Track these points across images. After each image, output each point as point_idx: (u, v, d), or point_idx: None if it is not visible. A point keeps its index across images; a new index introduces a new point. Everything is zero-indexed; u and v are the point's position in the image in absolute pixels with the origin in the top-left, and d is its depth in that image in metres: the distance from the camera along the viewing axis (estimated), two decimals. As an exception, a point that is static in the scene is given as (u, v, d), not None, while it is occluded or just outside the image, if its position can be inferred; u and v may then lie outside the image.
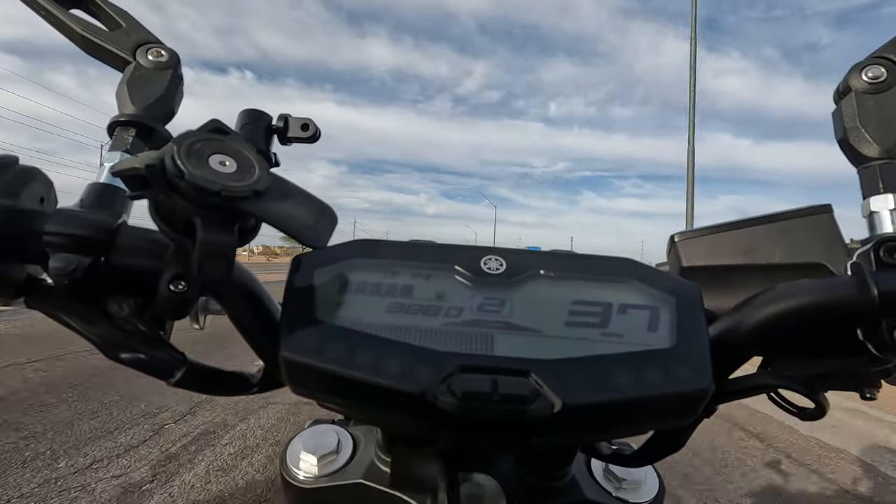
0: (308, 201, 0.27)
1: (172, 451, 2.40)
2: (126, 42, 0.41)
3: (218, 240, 0.24)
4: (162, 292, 0.27)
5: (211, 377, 0.35)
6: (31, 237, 0.27)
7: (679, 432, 0.35)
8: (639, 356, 0.28)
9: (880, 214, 0.34)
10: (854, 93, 0.37)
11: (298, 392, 0.29)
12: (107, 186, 0.35)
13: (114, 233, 0.29)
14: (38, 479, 2.03)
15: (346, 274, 0.30)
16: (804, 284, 0.31)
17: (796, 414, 0.35)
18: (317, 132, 0.58)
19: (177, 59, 0.42)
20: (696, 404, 0.28)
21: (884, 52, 0.38)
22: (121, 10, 0.42)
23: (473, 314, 0.29)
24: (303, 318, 0.28)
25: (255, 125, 0.54)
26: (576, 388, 0.26)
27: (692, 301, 0.30)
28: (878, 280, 0.28)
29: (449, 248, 0.32)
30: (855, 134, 0.37)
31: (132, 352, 0.30)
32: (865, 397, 0.34)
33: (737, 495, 2.24)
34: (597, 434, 0.33)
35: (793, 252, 0.37)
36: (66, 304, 0.30)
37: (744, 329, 0.31)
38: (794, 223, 0.37)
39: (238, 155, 0.25)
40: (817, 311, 0.29)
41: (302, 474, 0.42)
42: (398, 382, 0.26)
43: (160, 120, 0.39)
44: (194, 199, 0.23)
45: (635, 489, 0.42)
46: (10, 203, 0.27)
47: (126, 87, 0.39)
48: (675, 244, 0.41)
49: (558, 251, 0.34)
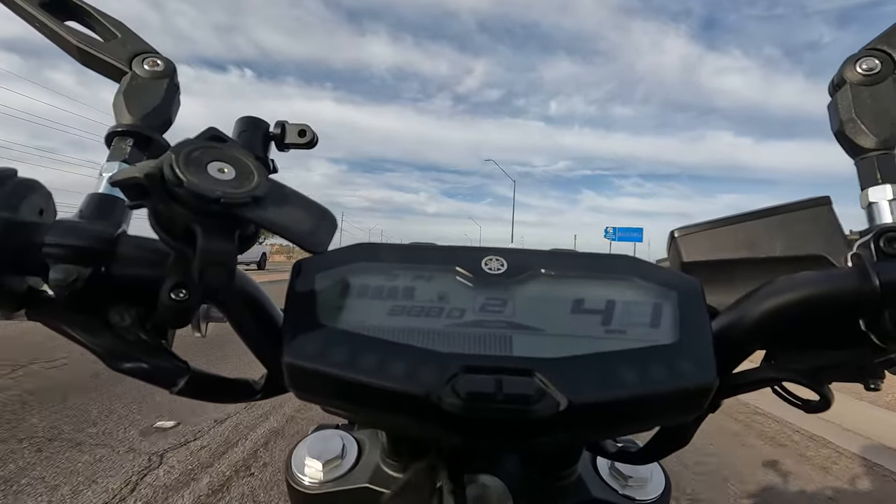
0: (307, 206, 0.27)
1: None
2: (122, 52, 0.41)
3: (218, 247, 0.24)
4: (163, 301, 0.27)
5: (214, 385, 0.35)
6: (30, 249, 0.27)
7: (684, 428, 0.35)
8: (642, 353, 0.28)
9: (879, 205, 0.35)
10: (849, 85, 0.38)
11: (302, 397, 0.29)
12: (106, 196, 0.35)
13: (114, 243, 0.29)
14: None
15: (348, 278, 0.30)
16: (805, 277, 0.31)
17: (801, 407, 0.34)
18: (314, 138, 0.58)
19: (173, 69, 0.42)
20: (701, 399, 0.28)
21: (877, 44, 0.38)
22: (116, 21, 0.42)
23: (476, 315, 0.29)
24: (305, 323, 0.28)
25: (253, 132, 0.54)
26: (580, 386, 0.26)
27: (694, 296, 0.30)
28: (879, 270, 0.28)
29: (450, 249, 0.32)
30: (851, 126, 0.37)
31: (135, 361, 0.30)
32: (869, 388, 0.34)
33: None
34: (602, 432, 0.33)
35: (793, 245, 0.37)
36: (67, 315, 0.30)
37: (746, 323, 0.31)
38: (793, 216, 0.38)
39: (236, 162, 0.25)
40: (819, 303, 0.29)
41: (307, 480, 0.42)
42: (402, 385, 0.26)
43: (157, 129, 0.39)
44: (194, 207, 0.23)
45: (641, 486, 0.42)
46: (10, 215, 0.27)
47: (123, 97, 0.39)
48: (676, 239, 0.41)
49: (559, 250, 0.34)
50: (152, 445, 2.41)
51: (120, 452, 2.31)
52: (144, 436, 2.51)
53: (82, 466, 2.15)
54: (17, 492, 1.92)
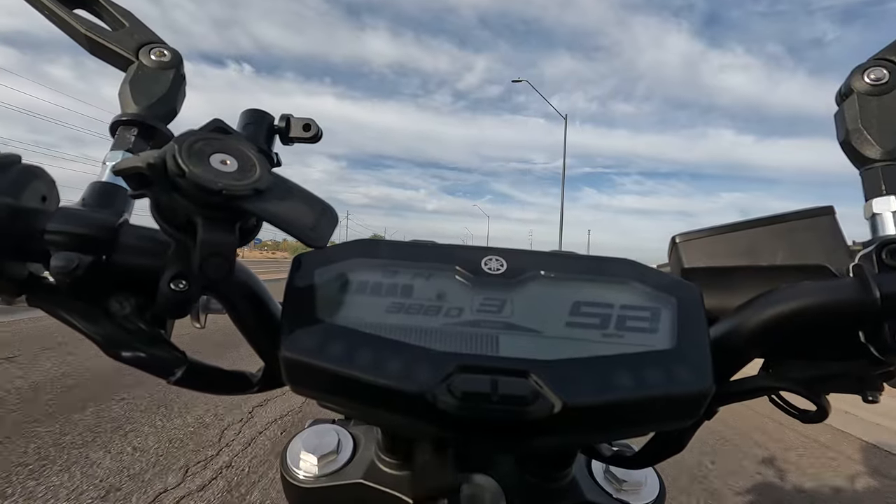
0: (309, 200, 0.27)
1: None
2: (129, 42, 0.41)
3: (219, 239, 0.24)
4: (163, 291, 0.27)
5: (211, 376, 0.35)
6: (32, 235, 0.27)
7: (680, 434, 0.35)
8: (639, 357, 0.27)
9: (883, 216, 0.34)
10: (856, 94, 0.37)
11: (298, 391, 0.29)
12: (109, 185, 0.35)
13: (115, 231, 0.29)
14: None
15: (347, 274, 0.30)
16: (806, 286, 0.31)
17: (798, 416, 0.34)
18: (318, 132, 0.58)
19: (179, 59, 0.42)
20: (697, 406, 0.28)
21: (886, 54, 0.37)
22: (124, 10, 0.42)
23: (473, 314, 0.29)
24: (303, 318, 0.28)
25: (257, 125, 0.55)
26: (576, 389, 0.26)
27: (693, 302, 0.30)
28: (880, 282, 0.28)
29: (449, 248, 0.32)
30: (857, 136, 0.36)
31: (133, 350, 0.30)
32: (867, 400, 0.34)
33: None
34: (597, 435, 0.33)
35: (794, 254, 0.37)
36: (67, 302, 0.30)
37: (745, 331, 0.31)
38: (795, 225, 0.37)
39: (239, 154, 0.25)
40: (819, 314, 0.29)
41: (302, 474, 0.42)
42: (398, 382, 0.26)
43: (162, 119, 0.40)
44: (195, 198, 0.23)
45: (636, 491, 0.42)
46: (12, 201, 0.27)
47: (129, 86, 0.39)
48: (677, 245, 0.41)
49: (559, 251, 0.34)
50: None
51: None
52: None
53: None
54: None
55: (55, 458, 2.12)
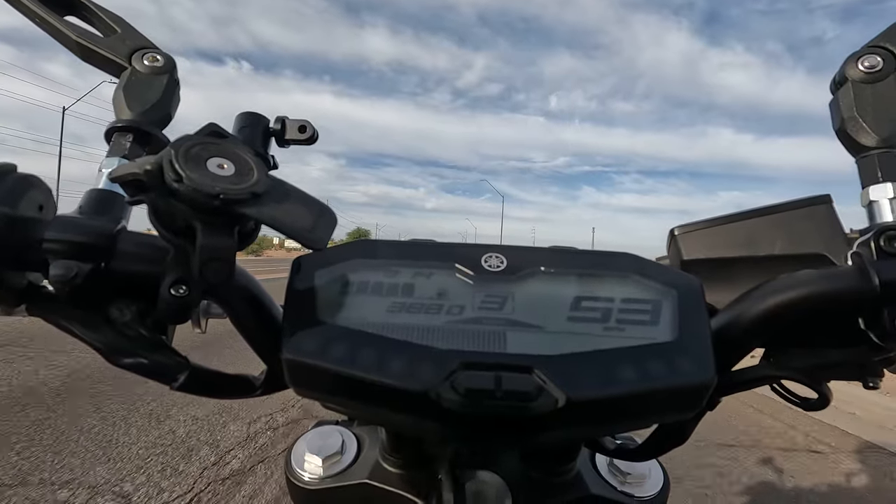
0: (307, 203, 0.27)
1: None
2: (121, 48, 0.41)
3: (218, 243, 0.24)
4: (163, 297, 0.27)
5: (214, 380, 0.35)
6: (30, 244, 0.27)
7: (683, 425, 0.35)
8: (641, 350, 0.28)
9: (879, 203, 0.34)
10: (851, 82, 0.37)
11: (302, 393, 0.29)
12: (105, 192, 0.35)
13: (113, 238, 0.29)
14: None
15: (347, 274, 0.30)
16: (805, 275, 0.31)
17: (799, 404, 0.34)
18: (314, 134, 0.58)
19: (173, 64, 0.42)
20: (699, 397, 0.28)
21: (880, 42, 0.37)
22: (115, 16, 0.42)
23: (475, 312, 0.29)
24: (304, 320, 0.28)
25: (253, 128, 0.54)
26: (579, 383, 0.26)
27: (693, 294, 0.30)
28: (878, 269, 0.28)
29: (449, 246, 0.32)
30: (852, 123, 0.37)
31: (135, 357, 0.30)
32: (868, 386, 0.34)
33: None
34: (601, 429, 0.33)
35: (793, 243, 0.37)
36: (67, 310, 0.30)
37: (745, 321, 0.31)
38: (793, 214, 0.37)
39: (236, 158, 0.25)
40: (819, 302, 0.29)
41: (307, 475, 0.42)
42: (401, 381, 0.26)
43: (157, 125, 0.39)
44: (193, 203, 0.23)
45: (640, 483, 0.42)
46: (9, 211, 0.27)
47: (122, 92, 0.39)
48: (676, 237, 0.41)
49: (559, 247, 0.34)
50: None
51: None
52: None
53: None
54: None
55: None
